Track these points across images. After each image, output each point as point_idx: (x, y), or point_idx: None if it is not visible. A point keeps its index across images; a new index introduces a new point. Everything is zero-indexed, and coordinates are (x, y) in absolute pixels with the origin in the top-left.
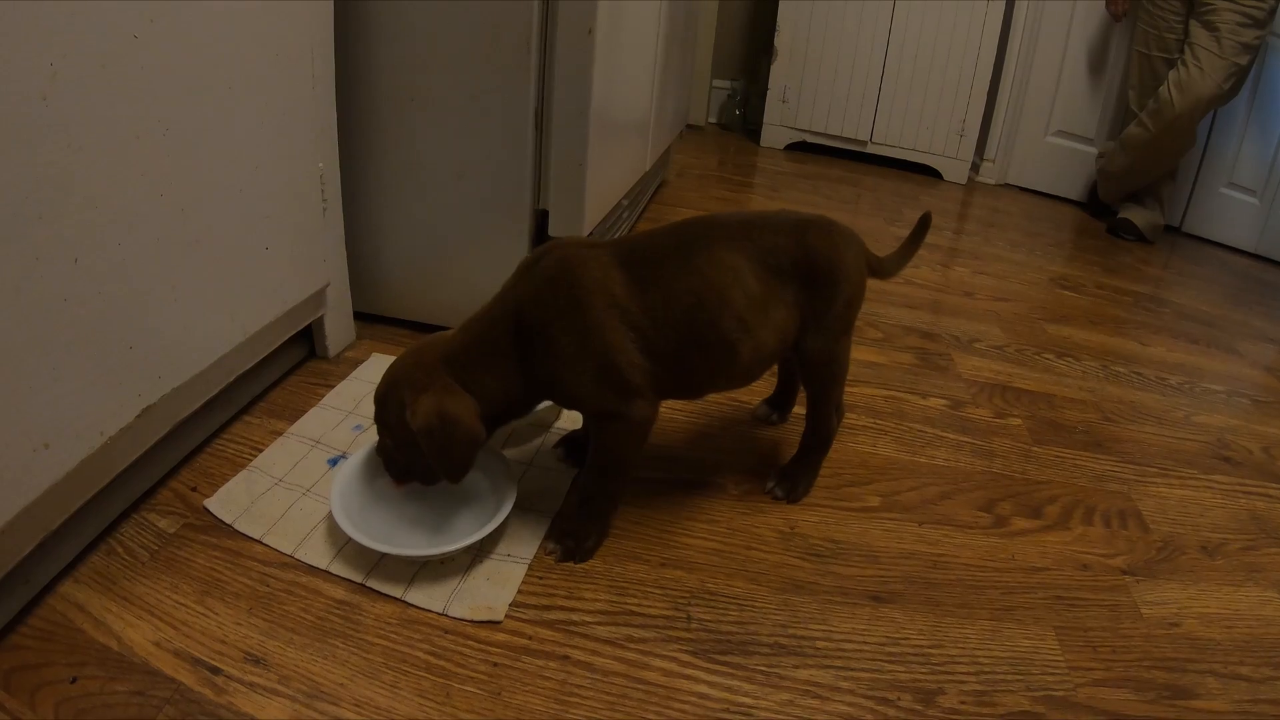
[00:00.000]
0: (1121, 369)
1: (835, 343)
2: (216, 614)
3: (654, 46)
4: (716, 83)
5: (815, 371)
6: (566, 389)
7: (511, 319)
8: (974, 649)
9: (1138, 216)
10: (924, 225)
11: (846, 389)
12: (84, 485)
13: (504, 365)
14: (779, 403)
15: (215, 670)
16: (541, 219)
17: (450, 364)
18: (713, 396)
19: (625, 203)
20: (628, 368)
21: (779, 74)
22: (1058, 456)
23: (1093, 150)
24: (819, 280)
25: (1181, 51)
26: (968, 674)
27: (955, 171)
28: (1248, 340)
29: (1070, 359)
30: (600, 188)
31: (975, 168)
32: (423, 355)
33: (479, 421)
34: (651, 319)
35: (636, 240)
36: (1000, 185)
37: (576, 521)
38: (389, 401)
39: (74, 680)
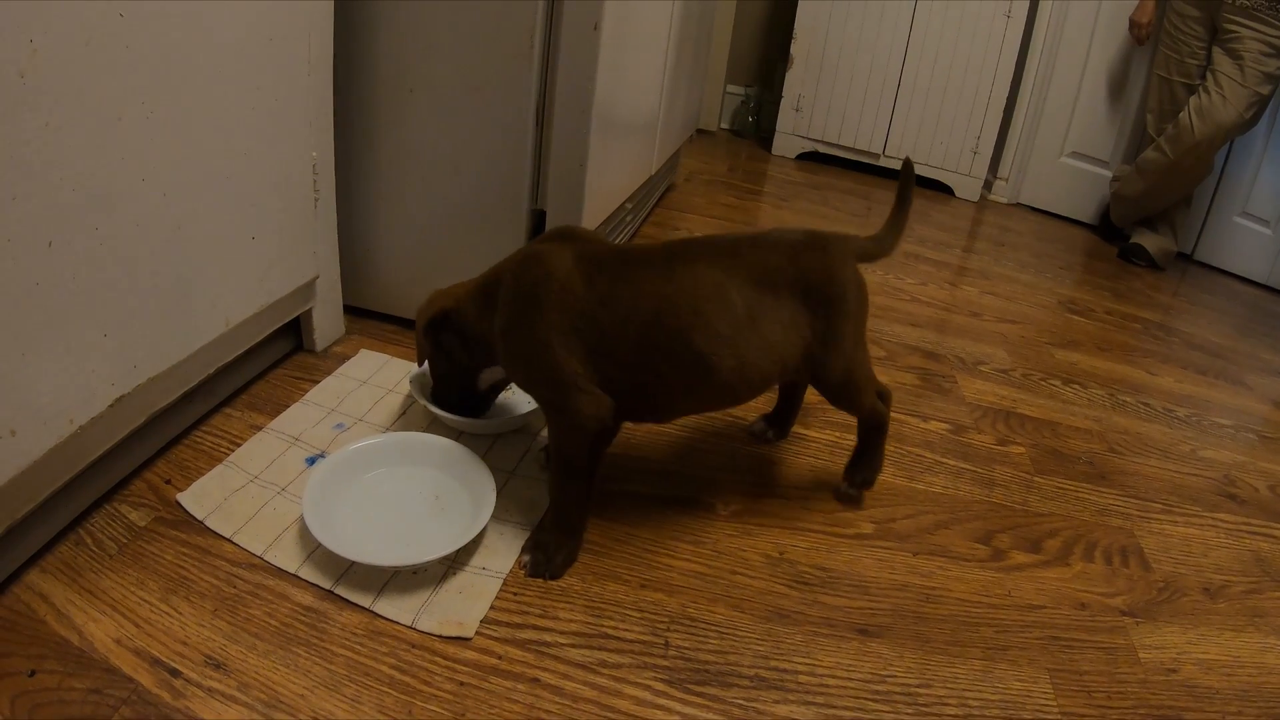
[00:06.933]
0: (1129, 398)
1: (851, 359)
2: (180, 613)
3: (664, 46)
4: (730, 88)
5: (838, 392)
6: (509, 368)
7: (494, 286)
8: (964, 690)
9: (1150, 242)
10: (907, 175)
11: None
12: (52, 474)
13: (488, 315)
14: (777, 420)
15: (175, 673)
16: (539, 219)
17: (463, 298)
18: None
19: (629, 205)
20: (565, 366)
21: (794, 82)
22: (1060, 488)
23: (1107, 173)
24: (821, 299)
25: (1203, 78)
26: (955, 716)
27: (967, 189)
28: (1256, 373)
29: (1077, 385)
30: (601, 189)
31: (988, 186)
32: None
33: (435, 311)
34: (613, 319)
35: (629, 247)
36: (1012, 204)
37: (547, 533)
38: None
39: (32, 674)
